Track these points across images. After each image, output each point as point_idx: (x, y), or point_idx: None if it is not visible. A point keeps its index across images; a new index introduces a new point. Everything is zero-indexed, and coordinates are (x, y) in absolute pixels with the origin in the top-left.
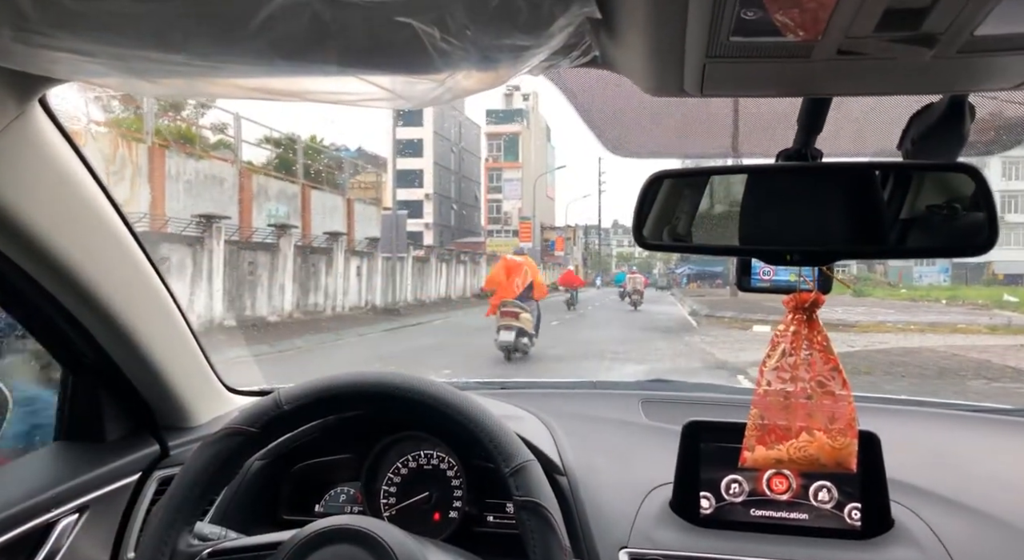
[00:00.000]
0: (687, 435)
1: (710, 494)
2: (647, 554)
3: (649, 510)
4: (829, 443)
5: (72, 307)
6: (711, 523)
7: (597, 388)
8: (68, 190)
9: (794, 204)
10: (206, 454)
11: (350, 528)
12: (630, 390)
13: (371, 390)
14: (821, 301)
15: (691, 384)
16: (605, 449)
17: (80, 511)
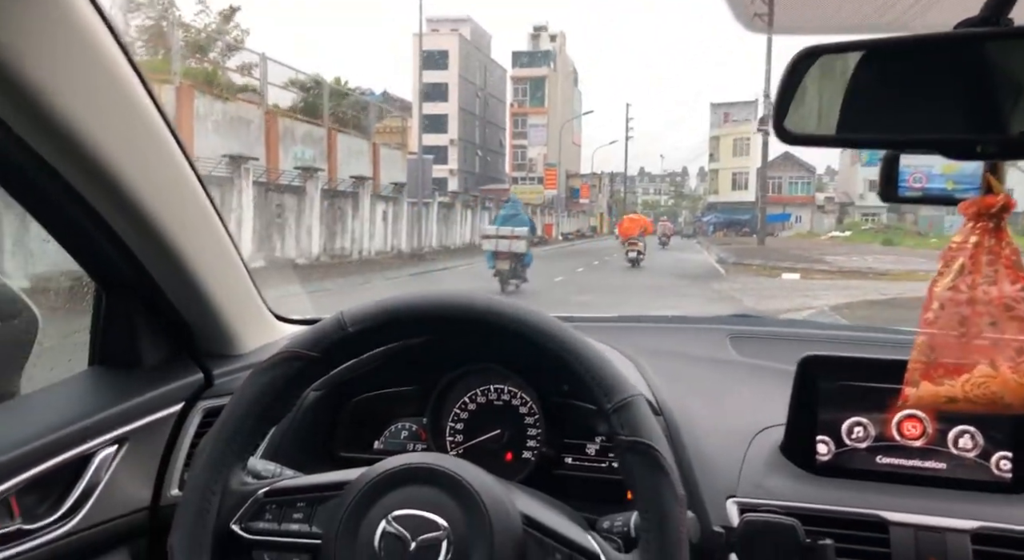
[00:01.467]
0: (804, 371)
1: (828, 438)
2: (759, 504)
3: (757, 455)
4: (1016, 379)
5: (108, 216)
6: (830, 470)
7: (678, 322)
8: (112, 86)
9: (985, 82)
10: (261, 380)
11: (427, 467)
12: (715, 325)
13: (450, 312)
14: (1012, 205)
15: (781, 319)
16: (697, 388)
17: (119, 442)
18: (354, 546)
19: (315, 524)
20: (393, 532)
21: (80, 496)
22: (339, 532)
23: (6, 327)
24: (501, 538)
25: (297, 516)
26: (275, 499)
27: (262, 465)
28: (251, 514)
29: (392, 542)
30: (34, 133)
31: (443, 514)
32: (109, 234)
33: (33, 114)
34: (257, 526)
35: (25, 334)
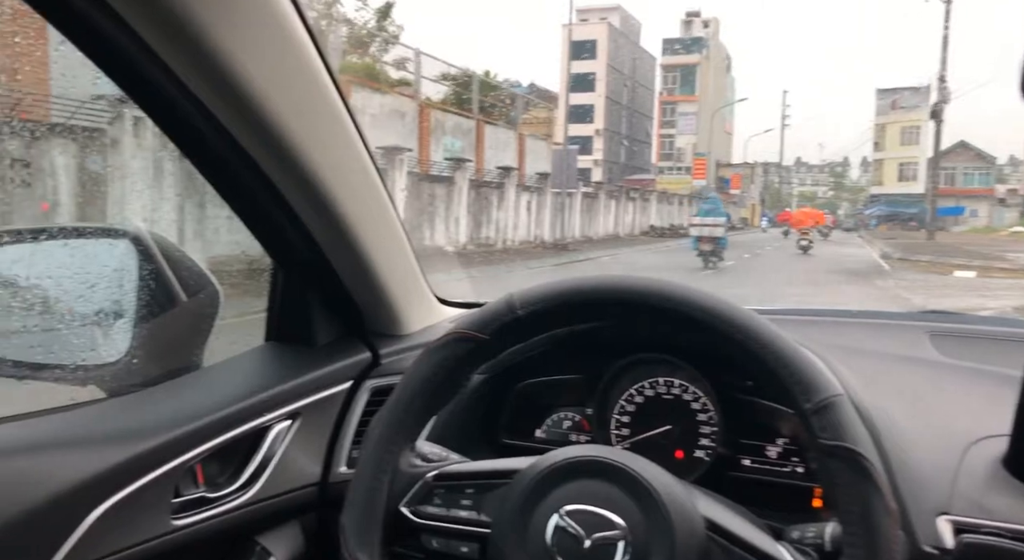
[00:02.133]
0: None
1: None
2: (978, 524)
3: (973, 469)
4: None
5: (290, 197)
6: None
7: (869, 317)
8: (301, 71)
9: None
10: (431, 361)
11: (602, 461)
12: (912, 321)
13: (628, 297)
14: None
15: (986, 317)
16: (897, 390)
17: (292, 417)
18: (525, 538)
19: (484, 512)
20: (566, 527)
21: (257, 468)
22: (509, 523)
23: (192, 302)
24: (683, 542)
25: (465, 502)
26: (444, 483)
27: (429, 448)
28: (420, 497)
29: (565, 538)
30: (231, 117)
31: (620, 512)
32: (289, 215)
33: (232, 99)
34: (426, 510)
35: (209, 308)
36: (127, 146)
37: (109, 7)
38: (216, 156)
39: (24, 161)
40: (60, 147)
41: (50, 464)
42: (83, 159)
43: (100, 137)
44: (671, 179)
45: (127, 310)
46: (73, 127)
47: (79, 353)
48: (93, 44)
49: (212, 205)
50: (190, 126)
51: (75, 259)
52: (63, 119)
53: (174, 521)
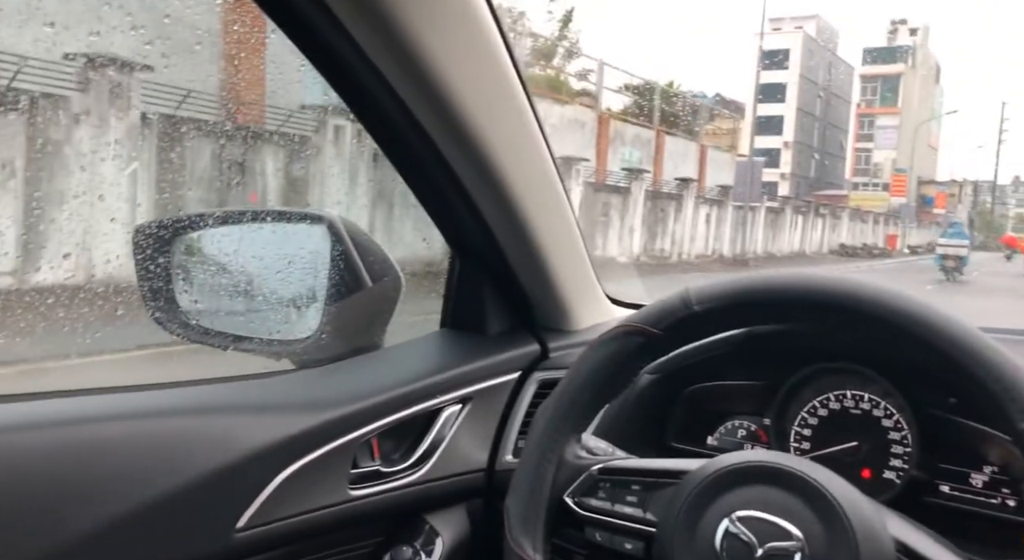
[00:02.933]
0: None
1: None
2: None
3: None
4: None
5: (471, 187)
6: None
7: None
8: (495, 75)
9: None
10: (600, 354)
11: (780, 468)
12: None
13: (819, 297)
14: None
15: None
16: None
17: (463, 402)
18: (693, 542)
19: (649, 510)
20: (737, 533)
21: (428, 448)
22: (676, 524)
23: (377, 286)
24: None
25: (631, 499)
26: (609, 478)
27: (594, 442)
28: (584, 489)
29: (735, 544)
30: (428, 115)
31: (796, 523)
32: (470, 206)
33: (430, 99)
34: (590, 502)
35: (392, 292)
36: (327, 153)
37: (334, 17)
38: (410, 151)
39: (240, 163)
40: (271, 152)
41: (247, 425)
42: (289, 164)
43: (304, 144)
44: (865, 195)
45: (319, 290)
46: (283, 134)
47: (275, 327)
48: (314, 48)
49: (399, 208)
50: (390, 122)
51: (278, 239)
52: (274, 126)
53: (351, 491)
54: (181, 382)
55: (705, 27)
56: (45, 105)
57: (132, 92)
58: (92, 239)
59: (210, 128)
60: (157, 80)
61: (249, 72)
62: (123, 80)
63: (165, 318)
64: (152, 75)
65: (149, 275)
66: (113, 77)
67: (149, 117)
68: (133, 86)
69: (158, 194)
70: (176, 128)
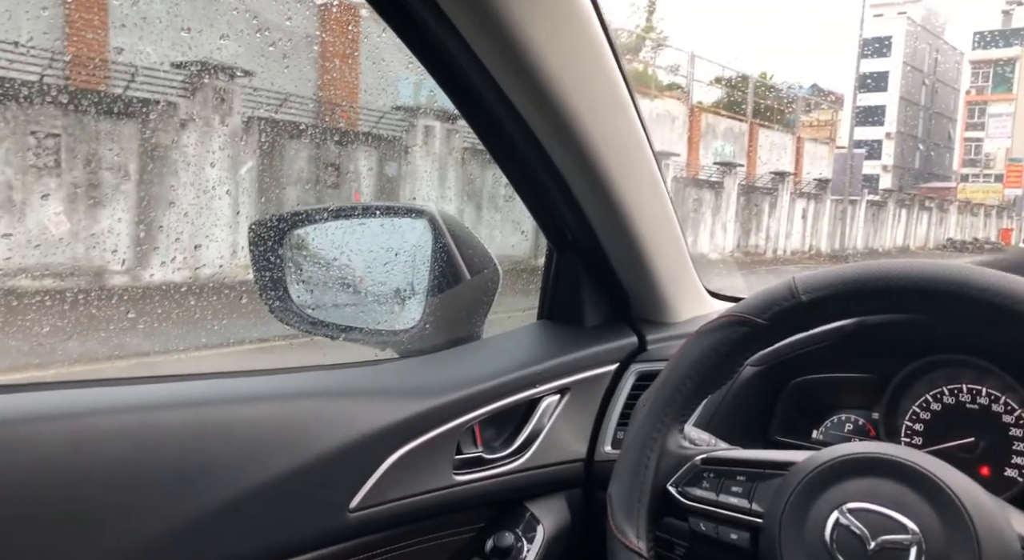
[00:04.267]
0: None
1: None
2: None
3: None
4: None
5: (569, 178)
6: None
7: None
8: (598, 69)
9: None
10: (703, 343)
11: (894, 460)
12: None
13: (934, 286)
14: None
15: None
16: None
17: (562, 392)
18: (802, 534)
19: (756, 501)
20: (849, 525)
21: (528, 437)
22: (784, 515)
23: (476, 278)
24: (991, 557)
25: (736, 489)
26: (713, 468)
27: (696, 433)
28: (688, 479)
29: (847, 536)
30: (530, 108)
31: (912, 516)
32: (568, 198)
33: (534, 93)
34: (694, 492)
35: (491, 284)
36: (418, 153)
37: (442, 13)
38: (511, 144)
39: (335, 165)
40: (364, 153)
41: (355, 409)
42: (383, 164)
43: (396, 144)
44: (976, 187)
45: (421, 283)
46: (376, 135)
47: (381, 318)
48: (422, 43)
49: (488, 209)
50: (493, 116)
51: (384, 233)
52: (368, 127)
53: (455, 476)
54: (292, 368)
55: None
56: (160, 110)
57: (235, 97)
58: (218, 231)
59: (310, 130)
60: (257, 85)
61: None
62: (225, 85)
63: (280, 307)
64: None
65: (267, 266)
66: (218, 84)
67: (253, 119)
68: (235, 91)
69: (261, 195)
70: (278, 131)
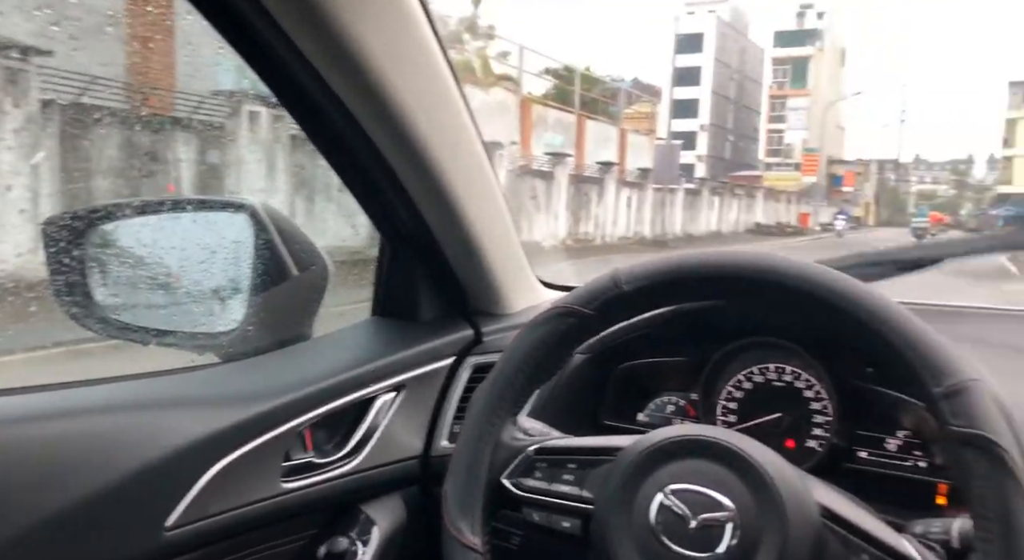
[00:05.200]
0: None
1: None
2: None
3: None
4: None
5: (400, 172)
6: None
7: (1004, 311)
8: (421, 57)
9: None
10: (533, 336)
11: (711, 441)
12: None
13: (744, 272)
14: None
15: None
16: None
17: (397, 389)
18: (629, 516)
19: (586, 488)
20: (671, 506)
21: (362, 437)
22: (612, 499)
23: (304, 275)
24: (796, 527)
25: (567, 477)
26: (545, 458)
27: (530, 423)
28: (521, 470)
29: (670, 517)
30: (354, 98)
31: (728, 494)
32: (400, 192)
33: (356, 82)
34: (527, 483)
35: (319, 281)
36: (243, 140)
37: None
38: (336, 135)
39: (151, 153)
40: (183, 140)
41: (170, 421)
42: (203, 152)
43: (219, 131)
44: (779, 175)
45: (243, 281)
46: (195, 121)
47: (199, 320)
48: (232, 28)
49: (321, 199)
50: (315, 107)
51: (198, 229)
52: (185, 113)
53: (284, 484)
54: (101, 379)
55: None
56: None
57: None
58: None
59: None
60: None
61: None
62: (16, 65)
63: (82, 314)
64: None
65: (63, 269)
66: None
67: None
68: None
69: (64, 185)
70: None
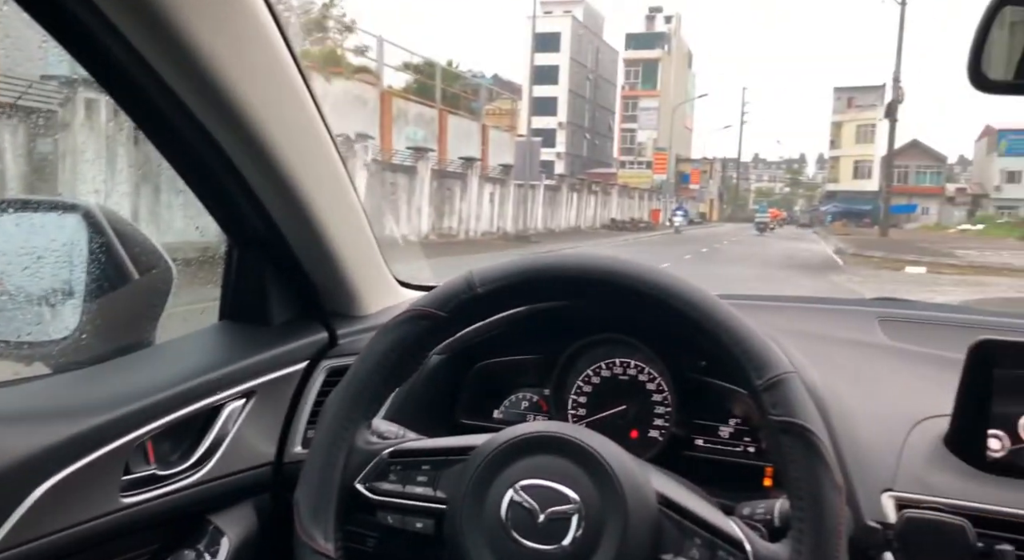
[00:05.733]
0: (977, 357)
1: (1003, 433)
2: (920, 500)
3: (917, 447)
4: None
5: (247, 172)
6: (1003, 469)
7: (820, 303)
8: (264, 51)
9: None
10: (388, 339)
11: (558, 436)
12: (862, 307)
13: (589, 274)
14: None
15: (933, 303)
16: (846, 372)
17: (247, 396)
18: (480, 514)
19: (440, 488)
20: (521, 502)
21: (210, 446)
22: (465, 498)
23: (145, 278)
24: (636, 516)
25: (421, 479)
26: (400, 460)
27: (385, 426)
28: (375, 474)
29: (520, 512)
30: (190, 93)
31: (574, 487)
32: (246, 191)
33: (192, 75)
34: (381, 486)
35: (162, 284)
36: (79, 130)
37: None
38: (174, 132)
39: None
40: (8, 128)
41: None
42: (32, 142)
43: (51, 119)
44: (632, 173)
45: (77, 286)
46: (22, 107)
47: (24, 328)
48: (51, 16)
49: (167, 192)
50: (150, 103)
51: (22, 232)
52: (10, 99)
53: (124, 498)
54: None
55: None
56: None
57: None
58: None
59: None
60: None
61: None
62: None
63: None
64: None
65: None
66: None
67: None
68: None
69: None
70: None
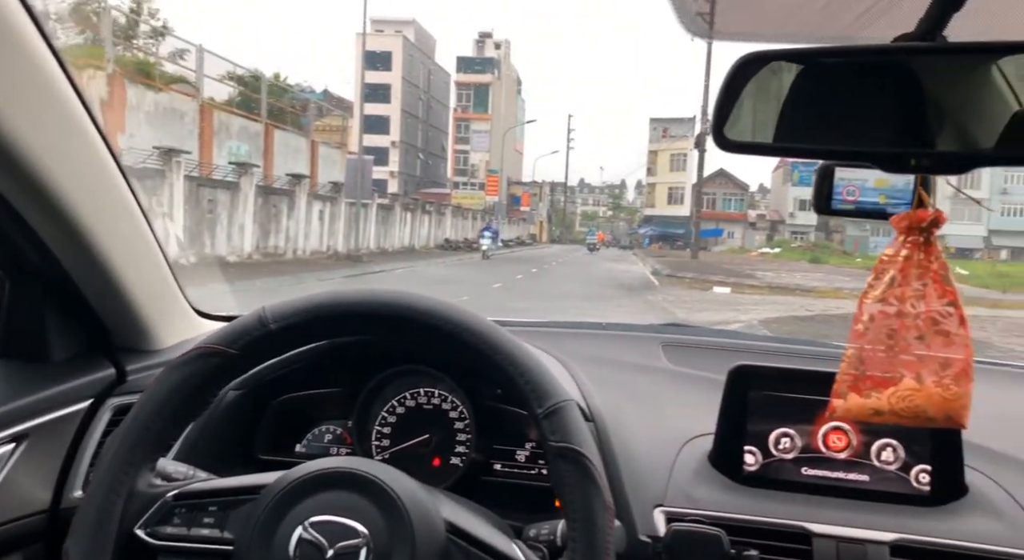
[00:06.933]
0: (734, 380)
1: (756, 449)
2: (685, 513)
3: (685, 464)
4: (940, 393)
5: (17, 204)
6: (756, 481)
7: (611, 329)
8: (24, 64)
9: (919, 97)
10: (174, 377)
11: (347, 471)
12: (648, 333)
13: (380, 311)
14: (942, 220)
15: (712, 329)
16: (629, 395)
17: (17, 440)
18: (268, 554)
19: (227, 529)
20: (310, 539)
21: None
22: (252, 539)
23: None
24: (423, 545)
25: (208, 521)
26: (185, 502)
27: (173, 467)
28: (158, 518)
29: (309, 550)
30: None
31: (363, 520)
32: (19, 225)
33: None
34: (164, 531)
35: None
36: None
37: None
38: None
39: None
40: None
41: None
42: None
43: None
44: (465, 194)
45: None
46: None
47: None
48: None
49: None
50: None
51: None
52: None
53: None
54: None
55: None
56: None
57: None
58: None
59: None
60: None
61: None
62: None
63: None
64: None
65: None
66: None
67: None
68: None
69: None
70: None
